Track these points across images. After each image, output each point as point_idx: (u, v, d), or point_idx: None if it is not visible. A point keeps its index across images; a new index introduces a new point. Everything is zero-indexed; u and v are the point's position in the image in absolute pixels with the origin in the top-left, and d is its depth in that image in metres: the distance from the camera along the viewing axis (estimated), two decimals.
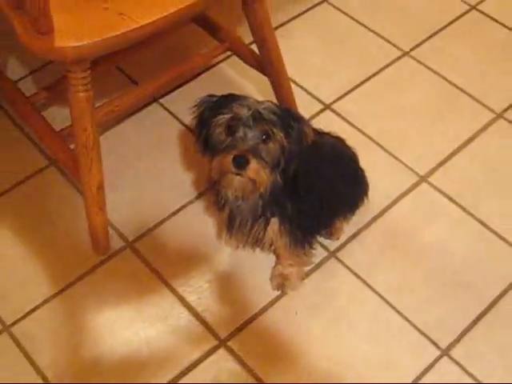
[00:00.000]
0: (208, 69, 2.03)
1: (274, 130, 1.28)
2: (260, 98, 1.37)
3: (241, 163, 1.26)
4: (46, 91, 1.81)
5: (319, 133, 1.54)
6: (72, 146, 1.59)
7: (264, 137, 1.28)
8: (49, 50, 1.32)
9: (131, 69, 2.03)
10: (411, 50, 2.12)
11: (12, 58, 2.05)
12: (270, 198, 1.38)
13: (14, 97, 1.79)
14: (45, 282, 1.62)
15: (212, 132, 1.32)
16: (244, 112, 1.28)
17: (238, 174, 1.28)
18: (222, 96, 1.35)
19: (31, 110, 1.75)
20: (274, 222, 1.46)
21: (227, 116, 1.29)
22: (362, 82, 2.03)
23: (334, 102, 1.98)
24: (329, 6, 2.23)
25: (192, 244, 1.69)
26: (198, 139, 1.37)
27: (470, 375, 1.50)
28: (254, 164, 1.27)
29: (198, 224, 1.72)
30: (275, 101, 1.84)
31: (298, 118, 1.36)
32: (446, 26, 2.18)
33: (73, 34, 1.33)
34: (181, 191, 1.78)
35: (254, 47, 1.79)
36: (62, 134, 1.69)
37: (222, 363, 1.51)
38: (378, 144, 1.88)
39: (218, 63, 2.05)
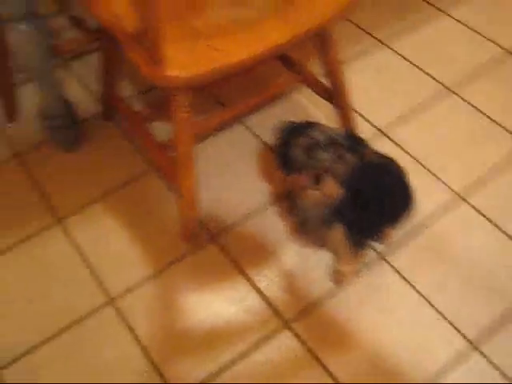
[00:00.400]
0: (283, 95, 2.05)
1: (344, 153, 1.30)
2: (326, 123, 1.38)
3: (317, 180, 1.28)
4: (150, 109, 1.85)
5: (376, 154, 1.55)
6: (170, 155, 1.62)
7: (336, 158, 1.30)
8: (162, 77, 1.36)
9: (220, 93, 2.06)
10: (453, 86, 2.10)
11: (124, 81, 2.10)
12: (335, 208, 1.39)
13: (125, 113, 1.84)
14: (143, 266, 1.67)
15: (292, 152, 1.33)
16: (320, 137, 1.29)
17: (314, 189, 1.30)
18: (301, 122, 1.37)
19: (139, 124, 1.79)
20: (337, 227, 1.47)
21: (306, 139, 1.31)
22: (411, 113, 2.03)
23: (387, 128, 1.98)
24: (384, 48, 2.23)
25: (266, 241, 1.71)
26: (279, 157, 1.39)
27: (495, 367, 1.49)
28: (328, 181, 1.28)
29: (273, 225, 1.74)
30: (340, 125, 1.85)
31: (362, 143, 1.37)
32: (485, 69, 2.16)
33: (181, 65, 1.37)
34: (259, 197, 1.80)
35: (323, 79, 1.81)
36: (163, 145, 1.73)
37: (286, 341, 1.53)
38: (423, 165, 1.88)
39: (291, 91, 2.07)
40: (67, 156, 1.90)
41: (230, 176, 1.85)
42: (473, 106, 2.04)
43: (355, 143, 1.34)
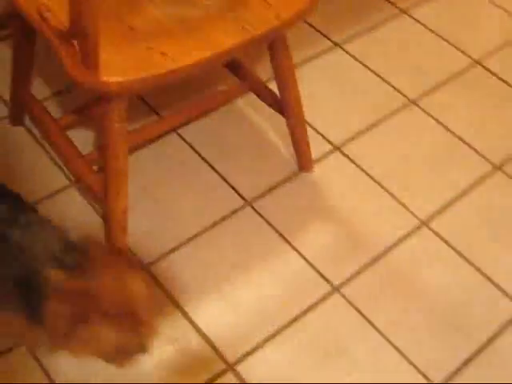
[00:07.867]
0: (226, 103, 2.15)
1: None
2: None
3: None
4: (72, 114, 1.90)
5: None
6: (95, 169, 1.68)
7: None
8: (95, 83, 1.42)
9: (152, 97, 2.15)
10: (418, 99, 2.26)
11: (37, 79, 2.16)
12: None
13: (40, 117, 1.86)
14: None
15: None
16: None
17: None
18: None
19: (58, 132, 1.82)
20: None
21: None
22: (370, 128, 2.17)
23: (343, 144, 2.11)
24: (341, 52, 2.38)
25: (208, 270, 1.81)
26: None
27: None
28: None
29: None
30: (290, 140, 1.97)
31: None
32: (450, 79, 2.33)
33: (118, 69, 1.43)
34: (197, 217, 1.90)
35: (272, 86, 1.92)
36: (87, 158, 1.79)
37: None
38: (382, 187, 2.02)
39: (236, 99, 2.16)
40: None
41: (163, 193, 1.93)
42: (439, 122, 2.20)
43: None
